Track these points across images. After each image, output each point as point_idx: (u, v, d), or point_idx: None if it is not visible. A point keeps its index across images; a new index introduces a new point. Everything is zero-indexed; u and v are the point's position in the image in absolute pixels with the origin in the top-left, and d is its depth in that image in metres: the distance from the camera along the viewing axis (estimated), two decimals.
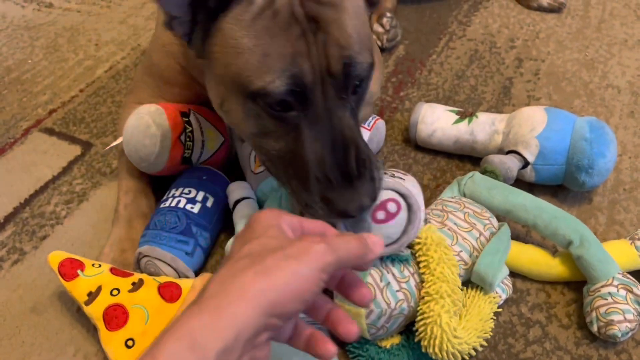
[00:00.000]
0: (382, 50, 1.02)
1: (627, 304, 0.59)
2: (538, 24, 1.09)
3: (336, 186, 0.50)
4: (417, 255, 0.58)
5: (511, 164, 0.72)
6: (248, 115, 0.54)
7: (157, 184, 0.76)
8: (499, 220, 0.67)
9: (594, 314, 0.60)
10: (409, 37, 1.06)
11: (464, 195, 0.70)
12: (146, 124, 0.68)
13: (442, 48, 1.03)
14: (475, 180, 0.70)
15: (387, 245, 0.55)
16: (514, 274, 0.67)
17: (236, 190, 0.70)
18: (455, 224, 0.63)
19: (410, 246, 0.59)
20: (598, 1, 1.15)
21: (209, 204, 0.68)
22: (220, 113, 0.59)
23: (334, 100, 0.51)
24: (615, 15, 1.11)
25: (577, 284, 0.66)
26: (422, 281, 0.57)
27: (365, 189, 0.51)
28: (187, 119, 0.72)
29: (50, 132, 0.90)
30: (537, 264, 0.66)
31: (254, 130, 0.55)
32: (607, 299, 0.60)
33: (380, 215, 0.55)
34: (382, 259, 0.57)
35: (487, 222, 0.64)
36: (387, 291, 0.56)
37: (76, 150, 0.87)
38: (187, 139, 0.71)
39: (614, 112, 0.90)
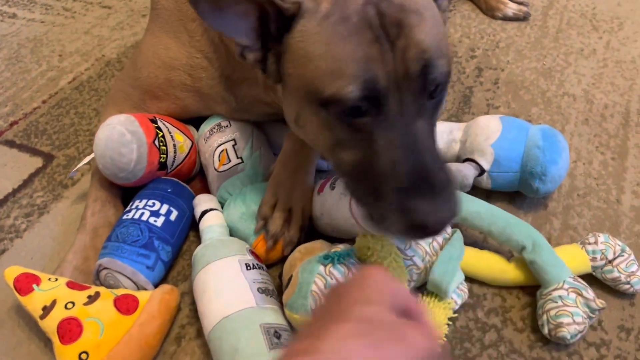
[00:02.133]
0: None
1: (577, 307, 0.61)
2: (498, 34, 1.12)
3: (416, 195, 0.47)
4: (364, 261, 0.59)
5: (467, 172, 0.74)
6: (322, 126, 0.53)
7: (125, 196, 0.76)
8: (455, 227, 0.69)
9: (544, 316, 0.62)
10: None
11: None
12: (119, 132, 0.68)
13: None
14: None
15: None
16: (471, 280, 0.69)
17: (203, 202, 0.71)
18: None
19: (355, 251, 0.61)
20: (556, 11, 1.18)
21: (172, 217, 0.68)
22: (296, 130, 0.59)
23: (410, 105, 0.49)
24: (572, 24, 1.14)
25: (533, 288, 0.68)
26: None
27: (447, 202, 0.48)
28: (156, 125, 0.73)
29: (10, 144, 0.90)
30: (492, 269, 0.68)
31: (329, 142, 0.53)
32: (557, 302, 0.62)
33: None
34: (325, 265, 0.58)
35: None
36: None
37: (37, 162, 0.86)
38: (161, 144, 0.71)
39: (569, 119, 0.93)
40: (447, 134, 0.81)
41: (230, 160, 0.73)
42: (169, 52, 0.72)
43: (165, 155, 0.72)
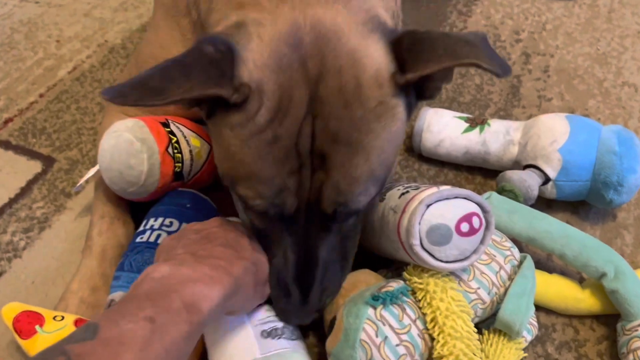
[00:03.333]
0: None
1: None
2: (544, 14, 1.00)
3: (287, 300, 0.51)
4: (420, 303, 0.50)
5: (532, 181, 0.64)
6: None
7: (135, 209, 0.67)
8: (520, 248, 0.59)
9: (631, 356, 0.53)
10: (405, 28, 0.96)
11: None
12: (128, 141, 0.58)
13: None
14: (493, 202, 0.61)
15: (455, 262, 0.49)
16: (537, 307, 0.60)
17: None
18: None
19: (409, 289, 0.51)
20: None
21: None
22: None
23: (316, 227, 0.48)
24: (626, 3, 1.03)
25: (608, 317, 0.59)
26: (426, 328, 0.49)
27: (310, 311, 0.52)
28: (169, 129, 0.63)
29: (5, 145, 0.80)
30: (564, 297, 0.59)
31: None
32: None
33: (465, 227, 0.48)
34: (375, 308, 0.49)
35: (507, 253, 0.56)
36: (385, 347, 0.48)
37: (36, 167, 0.76)
38: (175, 151, 0.62)
39: (632, 113, 0.82)
40: (503, 134, 0.71)
41: None
42: (163, 50, 0.63)
43: (180, 164, 0.62)
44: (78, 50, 0.96)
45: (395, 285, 0.51)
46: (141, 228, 0.60)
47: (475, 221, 0.49)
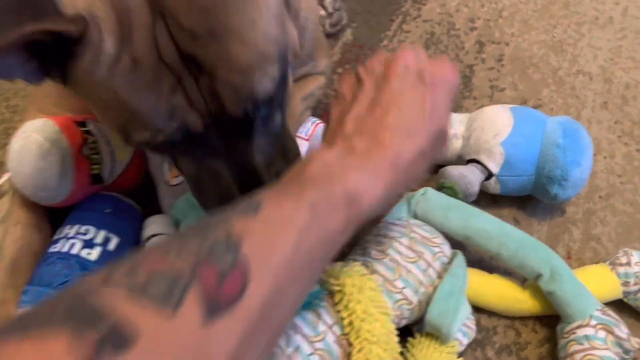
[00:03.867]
0: (327, 37, 0.88)
1: (607, 348, 0.50)
2: (501, 1, 0.97)
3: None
4: (335, 305, 0.47)
5: (473, 177, 0.61)
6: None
7: (54, 215, 0.63)
8: (457, 247, 0.56)
9: None
10: (357, 20, 0.93)
11: (415, 217, 0.59)
12: (36, 142, 0.54)
13: (394, 31, 0.91)
14: (428, 198, 0.59)
15: None
16: (478, 309, 0.57)
17: (153, 224, 0.58)
18: (398, 253, 0.52)
19: (324, 292, 0.48)
20: None
21: (111, 246, 0.55)
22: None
23: (239, 136, 0.43)
24: None
25: (551, 318, 0.57)
26: (344, 333, 0.46)
27: None
28: (85, 129, 0.59)
29: None
30: (504, 298, 0.56)
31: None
32: (583, 344, 0.51)
33: None
34: None
35: (437, 249, 0.53)
36: (298, 358, 0.44)
37: None
38: (92, 152, 0.58)
39: (586, 103, 0.80)
40: None
41: None
42: None
43: (99, 166, 0.58)
44: None
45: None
46: (55, 236, 0.56)
47: None
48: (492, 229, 0.56)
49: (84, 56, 0.37)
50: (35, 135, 0.54)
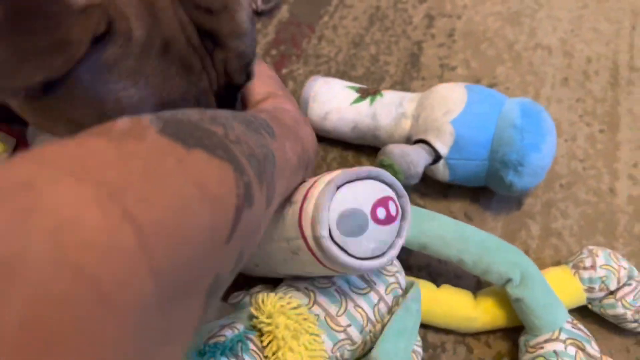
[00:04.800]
0: (259, 15, 0.79)
1: None
2: None
3: None
4: (264, 348, 0.39)
5: (416, 156, 0.53)
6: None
7: None
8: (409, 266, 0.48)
9: None
10: None
11: None
12: None
13: (335, 7, 0.82)
14: None
15: (372, 258, 0.38)
16: (425, 325, 0.50)
17: None
18: (347, 282, 0.44)
19: (252, 333, 0.39)
20: None
21: None
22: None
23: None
24: None
25: (505, 330, 0.50)
26: None
27: None
28: None
29: None
30: (454, 317, 0.49)
31: None
32: None
33: (381, 213, 0.38)
34: (205, 354, 0.37)
35: (391, 279, 0.45)
36: None
37: None
38: None
39: (545, 80, 0.72)
40: (395, 106, 0.60)
41: None
42: None
43: None
44: None
45: (229, 332, 0.39)
46: None
47: (392, 207, 0.38)
48: (451, 233, 0.48)
49: (109, 51, 0.31)
50: None
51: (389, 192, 0.38)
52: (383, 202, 0.38)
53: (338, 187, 0.37)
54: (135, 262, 0.19)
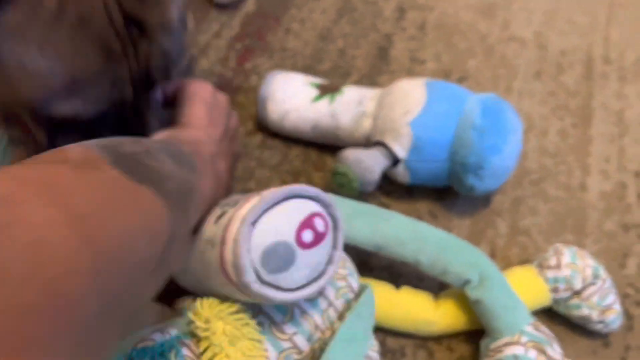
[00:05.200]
0: (223, 7, 0.76)
1: None
2: None
3: None
4: (200, 356, 0.36)
5: (371, 162, 0.51)
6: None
7: None
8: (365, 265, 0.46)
9: None
10: None
11: None
12: None
13: None
14: None
15: (309, 283, 0.35)
16: (382, 329, 0.48)
17: None
18: None
19: (185, 338, 0.37)
20: None
21: None
22: None
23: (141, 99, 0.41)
24: None
25: (468, 332, 0.48)
26: None
27: None
28: None
29: None
30: (413, 321, 0.47)
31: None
32: None
33: (308, 236, 0.34)
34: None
35: (342, 283, 0.42)
36: None
37: None
38: None
39: (517, 73, 0.70)
40: (355, 104, 0.57)
41: None
42: None
43: None
44: None
45: (159, 336, 0.37)
46: None
47: (319, 223, 0.35)
48: (407, 233, 0.46)
49: (16, 9, 0.31)
50: None
51: (313, 208, 0.35)
52: (307, 222, 0.35)
53: (254, 222, 0.34)
54: (88, 283, 0.21)
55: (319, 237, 0.35)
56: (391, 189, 0.58)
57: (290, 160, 0.61)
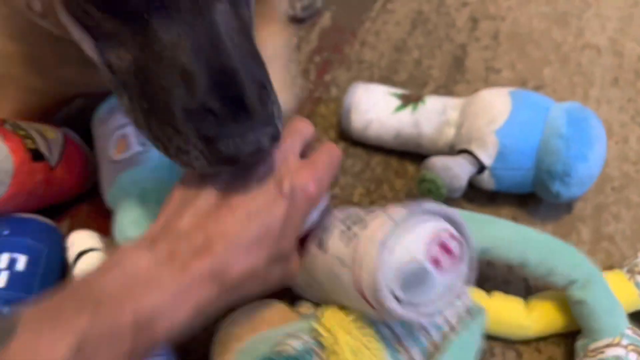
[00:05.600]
0: (300, 22, 0.80)
1: None
2: None
3: (218, 118, 0.33)
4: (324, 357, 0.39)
5: (459, 170, 0.53)
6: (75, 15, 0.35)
7: None
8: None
9: None
10: (336, 1, 0.84)
11: None
12: None
13: (377, 12, 0.82)
14: None
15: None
16: None
17: (79, 240, 0.51)
18: None
19: (315, 345, 0.40)
20: None
21: (20, 266, 0.48)
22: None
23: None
24: None
25: (556, 335, 0.49)
26: None
27: (263, 123, 0.34)
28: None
29: None
30: (507, 325, 0.48)
31: (90, 40, 0.36)
32: None
33: (442, 257, 0.36)
34: None
35: (458, 302, 0.43)
36: None
37: None
38: (15, 128, 0.51)
39: (593, 81, 0.71)
40: (438, 114, 0.60)
41: (131, 148, 0.51)
42: None
43: (31, 140, 0.51)
44: None
45: (296, 343, 0.40)
46: None
47: (453, 243, 0.36)
48: (513, 235, 0.47)
49: None
50: None
51: (442, 225, 0.36)
52: (439, 242, 0.35)
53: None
54: None
55: (453, 257, 0.36)
56: (474, 196, 0.60)
57: (372, 168, 0.64)
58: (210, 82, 0.33)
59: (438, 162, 0.54)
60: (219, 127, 0.33)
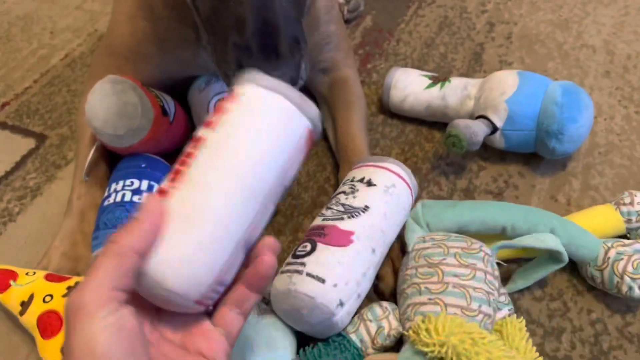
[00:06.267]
0: (346, 22, 0.97)
1: None
2: None
3: (255, 57, 0.45)
4: None
5: (476, 128, 0.69)
6: None
7: None
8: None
9: (627, 279, 0.55)
10: (376, 7, 1.01)
11: (429, 228, 0.60)
12: (113, 80, 0.63)
13: (410, 16, 0.99)
14: (428, 205, 0.62)
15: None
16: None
17: None
18: (455, 275, 0.51)
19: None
20: None
21: None
22: None
23: None
24: None
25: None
26: None
27: (286, 67, 0.46)
28: None
29: (2, 126, 0.87)
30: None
31: None
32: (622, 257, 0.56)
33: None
34: None
35: (481, 254, 0.53)
36: None
37: (30, 143, 0.83)
38: (151, 90, 0.68)
39: (588, 72, 0.86)
40: (461, 89, 0.75)
41: None
42: (133, 38, 0.68)
43: (160, 100, 0.68)
44: (70, 39, 1.02)
45: None
46: (105, 194, 0.65)
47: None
48: (496, 210, 0.60)
49: None
50: (106, 81, 0.63)
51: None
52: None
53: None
54: None
55: None
56: (488, 155, 0.75)
57: (406, 134, 0.80)
58: (255, 29, 0.46)
59: (461, 122, 0.70)
60: (252, 60, 0.45)
